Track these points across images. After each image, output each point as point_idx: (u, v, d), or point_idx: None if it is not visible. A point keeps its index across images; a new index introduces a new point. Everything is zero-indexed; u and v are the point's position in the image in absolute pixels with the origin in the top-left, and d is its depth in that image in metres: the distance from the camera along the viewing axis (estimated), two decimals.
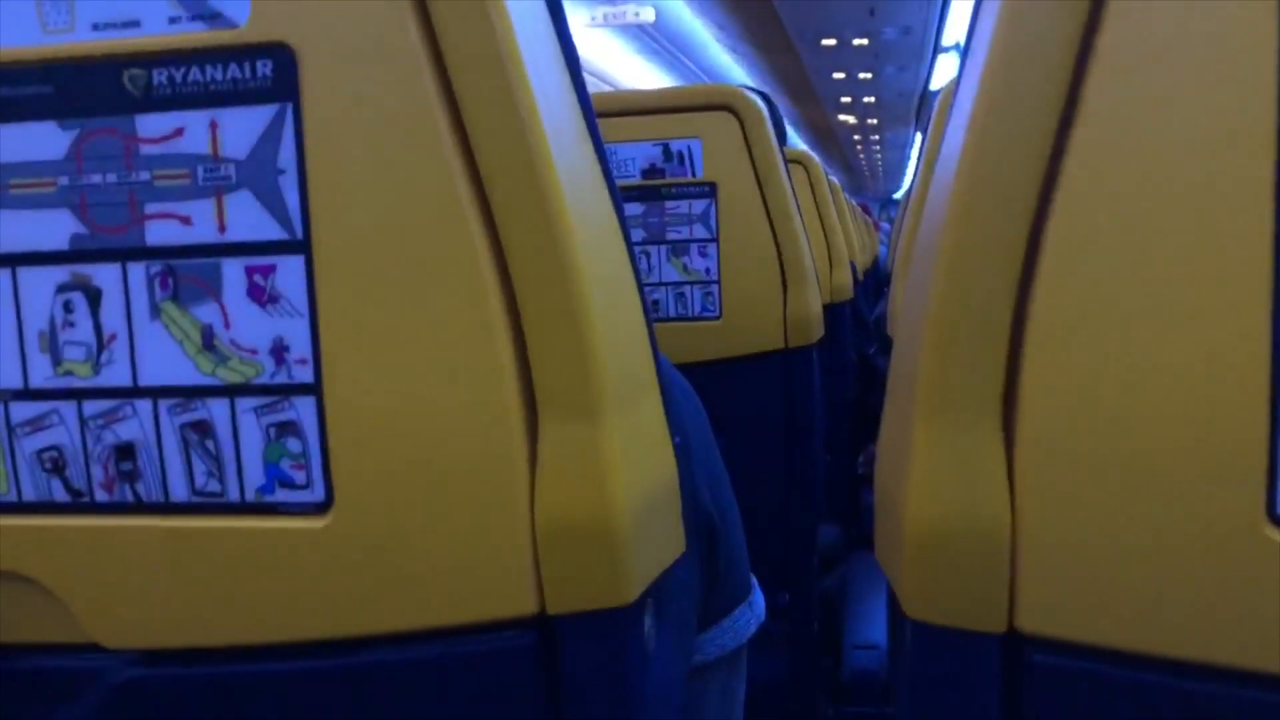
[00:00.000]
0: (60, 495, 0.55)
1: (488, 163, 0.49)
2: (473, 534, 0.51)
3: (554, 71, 0.54)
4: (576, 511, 0.50)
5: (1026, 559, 0.47)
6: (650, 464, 0.55)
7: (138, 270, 0.53)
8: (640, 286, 0.58)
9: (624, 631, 0.53)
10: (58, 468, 0.55)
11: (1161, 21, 0.44)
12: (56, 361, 0.54)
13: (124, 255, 0.53)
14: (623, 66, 12.07)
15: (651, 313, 0.58)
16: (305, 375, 0.52)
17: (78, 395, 0.54)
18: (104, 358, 0.54)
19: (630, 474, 0.51)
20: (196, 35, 0.51)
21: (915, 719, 0.51)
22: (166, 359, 0.53)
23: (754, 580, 1.03)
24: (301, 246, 0.51)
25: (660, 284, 1.60)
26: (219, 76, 0.51)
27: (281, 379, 0.52)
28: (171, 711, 0.56)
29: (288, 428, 0.53)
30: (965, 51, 0.52)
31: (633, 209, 1.59)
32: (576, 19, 9.55)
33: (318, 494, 0.53)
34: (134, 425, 0.54)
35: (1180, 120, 0.44)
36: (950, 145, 0.49)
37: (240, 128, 0.51)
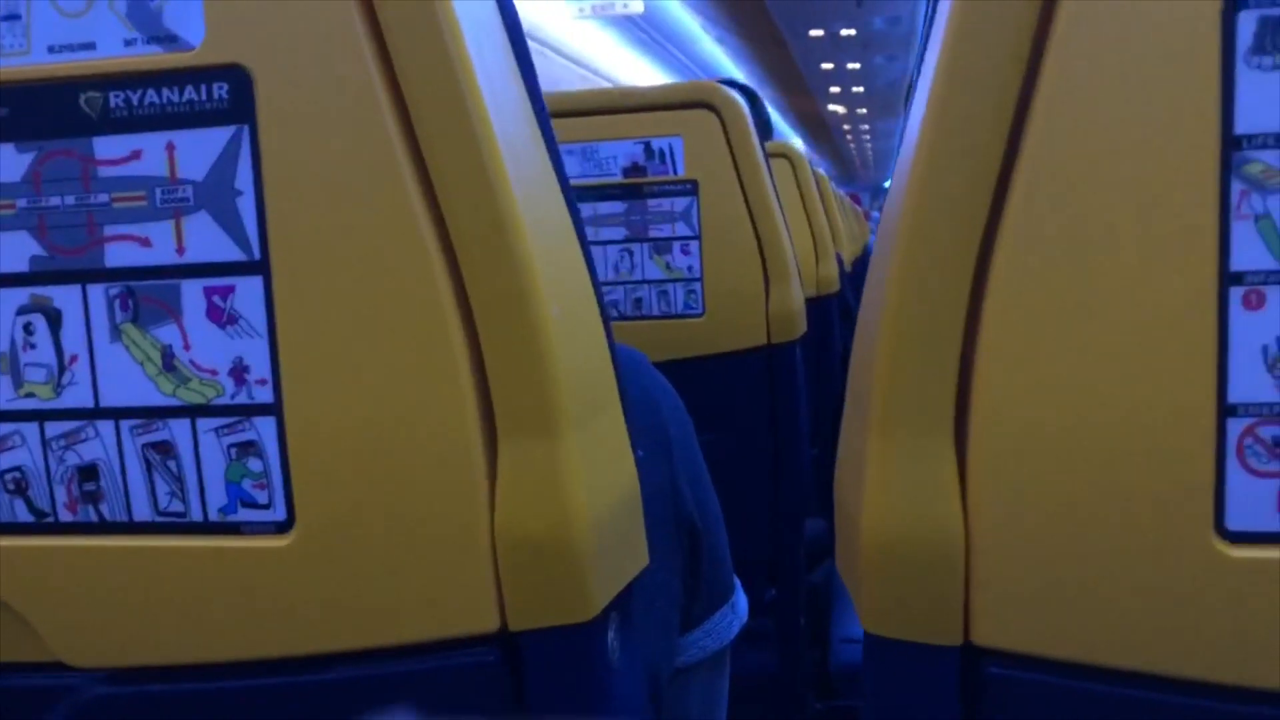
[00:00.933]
0: (24, 516, 0.55)
1: (442, 182, 0.50)
2: (434, 552, 0.51)
3: (509, 86, 0.54)
4: (536, 528, 0.51)
5: (980, 573, 0.47)
6: (611, 479, 0.55)
7: (97, 292, 0.53)
8: (600, 298, 0.58)
9: (587, 647, 0.53)
10: (21, 489, 0.55)
11: (1113, 21, 0.44)
12: (18, 383, 0.54)
13: (84, 277, 0.53)
14: (612, 59, 12.05)
15: (611, 324, 0.58)
16: (265, 395, 0.52)
17: (40, 417, 0.54)
18: (65, 379, 0.54)
19: (590, 489, 0.52)
20: (152, 58, 0.51)
21: None
22: (127, 380, 0.54)
23: (737, 581, 1.04)
24: (260, 267, 0.51)
25: (643, 282, 1.61)
26: (175, 99, 0.51)
27: (242, 399, 0.52)
28: None
29: (249, 448, 0.53)
30: (921, 55, 0.52)
31: (615, 207, 1.59)
32: (564, 10, 9.53)
33: (279, 513, 0.53)
34: (96, 446, 0.54)
35: (1128, 131, 0.44)
36: (905, 149, 0.49)
37: (197, 150, 0.51)
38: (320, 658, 0.53)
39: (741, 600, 1.03)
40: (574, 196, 0.57)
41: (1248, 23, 0.43)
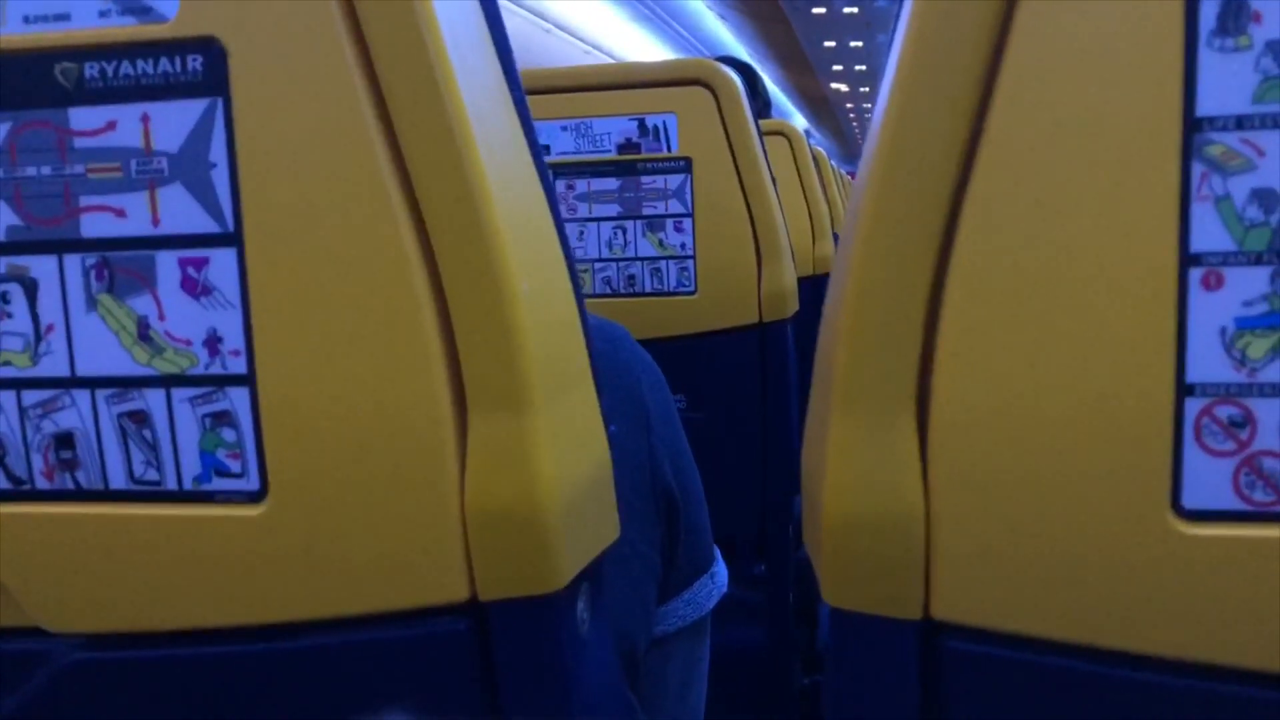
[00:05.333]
0: (1, 483, 0.56)
1: (414, 156, 0.50)
2: (405, 522, 0.52)
3: (482, 62, 0.54)
4: (505, 500, 0.51)
5: (940, 548, 0.48)
6: (581, 453, 0.56)
7: (74, 262, 0.54)
8: (573, 274, 0.58)
9: (555, 617, 0.54)
10: None
11: (1077, 1, 0.44)
12: None
13: (60, 247, 0.54)
14: (615, 34, 11.99)
15: (584, 300, 0.59)
16: (239, 366, 0.53)
17: (17, 385, 0.55)
18: (42, 348, 0.55)
19: (559, 463, 0.52)
20: (127, 29, 0.52)
21: (837, 703, 0.52)
22: (104, 349, 0.54)
23: (717, 552, 1.05)
24: (233, 239, 0.52)
25: (636, 259, 1.61)
26: (150, 70, 0.52)
27: (216, 370, 0.53)
28: (117, 693, 0.57)
29: (223, 418, 0.53)
30: (893, 34, 0.52)
31: (609, 184, 1.59)
32: None
33: (253, 483, 0.53)
34: (73, 415, 0.55)
35: (1091, 112, 0.44)
36: (872, 130, 0.49)
37: (172, 122, 0.52)
38: (292, 625, 0.54)
39: (721, 571, 1.04)
40: (548, 171, 0.58)
41: (1210, 4, 0.43)
